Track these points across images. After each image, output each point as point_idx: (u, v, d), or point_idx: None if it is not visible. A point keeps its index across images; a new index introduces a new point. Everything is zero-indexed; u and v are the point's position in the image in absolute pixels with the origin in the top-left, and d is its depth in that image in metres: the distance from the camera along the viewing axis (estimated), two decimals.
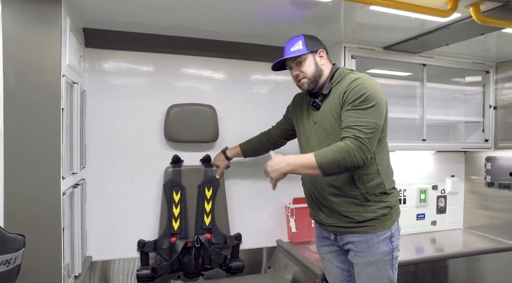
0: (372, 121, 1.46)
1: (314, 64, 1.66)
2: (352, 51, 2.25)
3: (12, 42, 1.47)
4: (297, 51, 1.65)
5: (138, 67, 2.22)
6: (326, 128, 1.61)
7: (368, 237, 1.58)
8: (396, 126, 2.62)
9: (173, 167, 2.21)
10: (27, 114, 1.49)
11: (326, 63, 1.69)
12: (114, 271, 2.19)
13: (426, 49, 2.33)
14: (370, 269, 1.58)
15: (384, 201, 1.60)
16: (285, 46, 1.71)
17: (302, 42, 1.66)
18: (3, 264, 1.03)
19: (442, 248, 2.57)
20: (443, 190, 2.83)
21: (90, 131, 2.10)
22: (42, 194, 1.52)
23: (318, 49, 1.68)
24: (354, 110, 1.48)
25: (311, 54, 1.66)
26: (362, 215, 1.58)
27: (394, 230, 1.63)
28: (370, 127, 1.44)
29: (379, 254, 1.57)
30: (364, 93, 1.48)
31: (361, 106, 1.47)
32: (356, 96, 1.49)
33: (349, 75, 1.61)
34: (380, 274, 1.57)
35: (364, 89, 1.49)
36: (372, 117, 1.46)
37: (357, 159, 1.41)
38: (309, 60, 1.66)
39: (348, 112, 1.50)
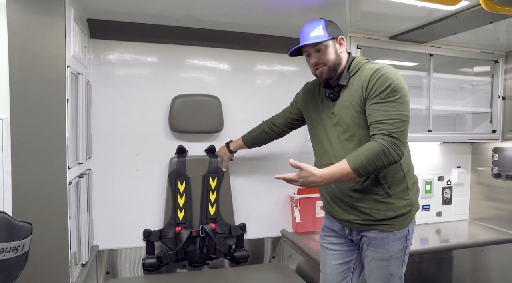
0: (402, 113, 1.38)
1: (334, 51, 1.55)
2: (358, 41, 2.22)
3: (17, 33, 1.48)
4: (318, 37, 1.52)
5: (143, 57, 2.22)
6: (347, 121, 1.51)
7: (385, 235, 1.53)
8: None
9: (178, 157, 2.23)
10: (33, 105, 1.51)
11: (344, 51, 1.59)
12: (121, 260, 2.22)
13: (433, 38, 2.30)
14: (381, 264, 1.55)
15: (405, 198, 1.53)
16: (303, 30, 1.57)
17: (323, 26, 1.53)
18: (11, 250, 1.06)
19: (447, 239, 2.57)
20: (449, 181, 2.81)
21: (95, 122, 2.11)
22: (49, 184, 1.54)
23: (338, 35, 1.57)
24: (381, 103, 1.40)
25: (332, 40, 1.55)
26: (382, 213, 1.52)
27: (411, 228, 1.58)
28: (401, 119, 1.37)
29: (393, 251, 1.54)
30: (390, 84, 1.40)
31: (388, 98, 1.39)
32: (382, 88, 1.41)
33: (367, 64, 1.52)
34: (390, 269, 1.56)
35: (389, 79, 1.41)
36: (401, 108, 1.38)
37: (393, 156, 1.36)
38: (330, 47, 1.54)
39: (375, 105, 1.41)
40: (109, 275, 2.20)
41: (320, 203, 2.48)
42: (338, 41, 1.57)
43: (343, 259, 1.69)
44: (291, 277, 2.16)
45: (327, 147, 1.62)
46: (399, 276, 1.58)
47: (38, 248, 1.52)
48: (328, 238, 1.74)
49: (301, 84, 2.49)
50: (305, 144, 2.51)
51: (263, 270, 2.31)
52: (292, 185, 1.51)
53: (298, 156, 2.48)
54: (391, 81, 1.41)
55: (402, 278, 1.60)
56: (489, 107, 2.66)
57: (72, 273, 1.62)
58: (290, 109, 1.96)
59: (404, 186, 1.54)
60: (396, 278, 1.57)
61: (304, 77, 2.50)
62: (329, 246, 1.73)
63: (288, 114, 1.96)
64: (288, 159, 2.41)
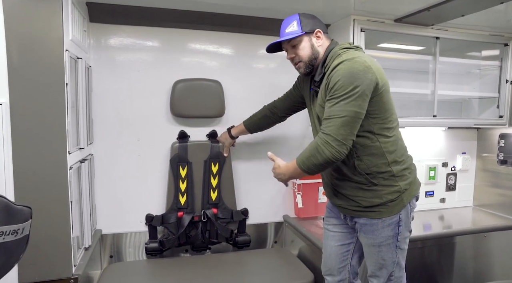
0: (344, 109, 1.35)
1: (309, 46, 1.55)
2: (362, 24, 2.17)
3: (13, 17, 1.45)
4: (291, 33, 1.55)
5: (144, 42, 2.20)
6: (320, 119, 1.53)
7: (374, 221, 1.53)
8: (406, 102, 2.56)
9: (179, 142, 2.22)
10: (32, 90, 1.51)
11: (323, 44, 1.57)
12: (124, 244, 2.25)
13: (440, 21, 2.23)
14: (372, 249, 1.57)
15: (393, 185, 1.51)
16: (281, 27, 1.60)
17: (297, 22, 1.55)
18: (11, 233, 1.07)
19: (450, 225, 2.56)
20: (453, 168, 2.78)
21: (97, 107, 2.11)
22: (50, 169, 1.55)
23: (314, 29, 1.56)
24: (328, 100, 1.41)
25: (307, 35, 1.55)
26: (368, 200, 1.52)
27: (403, 214, 1.54)
28: (339, 115, 1.36)
29: (382, 238, 1.53)
30: (338, 81, 1.37)
31: (334, 95, 1.38)
32: (331, 86, 1.40)
33: (337, 58, 1.46)
34: (382, 255, 1.56)
35: (338, 76, 1.38)
36: (346, 105, 1.35)
37: (325, 153, 1.37)
38: (304, 42, 1.54)
39: (327, 102, 1.42)
40: (113, 258, 2.23)
41: (322, 188, 2.47)
42: (315, 35, 1.56)
43: (343, 241, 1.71)
44: (293, 262, 2.17)
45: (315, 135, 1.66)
46: (392, 262, 1.56)
47: (41, 232, 1.55)
48: (329, 219, 1.77)
49: None
50: (307, 128, 2.49)
51: (265, 255, 2.33)
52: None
53: (299, 141, 2.48)
54: (340, 77, 1.37)
55: (399, 263, 1.59)
56: (497, 92, 2.60)
57: (74, 256, 1.64)
58: (293, 92, 1.95)
59: (390, 174, 1.50)
60: (389, 263, 1.56)
61: None
62: (330, 228, 1.75)
63: (291, 97, 1.95)
64: (290, 144, 2.46)
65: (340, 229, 1.72)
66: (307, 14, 1.60)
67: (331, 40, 1.61)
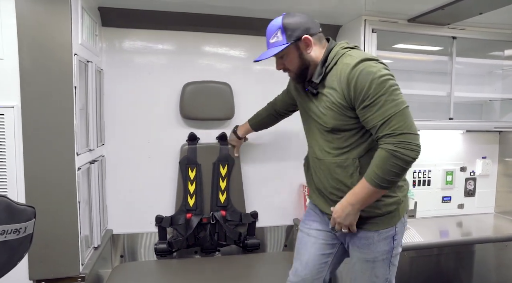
0: (397, 102, 1.24)
1: (297, 56, 1.40)
2: (373, 25, 2.12)
3: (25, 22, 1.51)
4: (276, 45, 1.39)
5: (155, 45, 2.23)
6: (330, 122, 1.38)
7: (369, 234, 1.43)
8: (421, 104, 2.49)
9: (188, 144, 2.24)
10: (42, 93, 1.55)
11: (315, 48, 1.41)
12: (135, 244, 2.28)
13: (456, 20, 2.15)
14: (365, 266, 1.46)
15: (392, 196, 1.41)
16: (266, 34, 1.45)
17: (281, 31, 1.37)
18: (13, 232, 1.11)
19: (469, 232, 2.45)
20: (472, 172, 2.67)
21: (108, 109, 2.16)
22: (59, 170, 1.59)
23: (301, 36, 1.38)
24: (372, 104, 1.25)
25: (293, 44, 1.39)
26: (366, 211, 1.39)
27: (399, 227, 1.45)
28: (399, 110, 1.23)
29: (378, 252, 1.44)
30: (372, 79, 1.25)
31: (377, 95, 1.24)
32: (366, 87, 1.26)
33: (344, 58, 1.35)
34: (375, 271, 1.46)
35: (369, 74, 1.26)
36: (395, 98, 1.24)
37: (407, 154, 1.23)
38: (291, 53, 1.40)
39: (367, 109, 1.27)
40: (123, 258, 2.26)
41: None
42: (303, 42, 1.39)
43: (323, 251, 1.56)
44: None
45: (312, 138, 1.53)
46: (385, 279, 1.47)
47: (50, 231, 1.60)
48: (312, 223, 1.60)
49: None
50: None
51: (275, 259, 2.31)
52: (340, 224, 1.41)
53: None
54: (372, 75, 1.25)
55: (390, 281, 1.50)
56: None
57: (82, 255, 1.68)
58: (286, 95, 1.89)
59: None
60: (382, 280, 1.47)
61: None
62: (312, 233, 1.58)
63: (285, 99, 1.91)
64: (300, 147, 2.42)
65: (323, 236, 1.56)
66: (292, 18, 1.40)
67: (327, 39, 1.47)
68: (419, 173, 2.54)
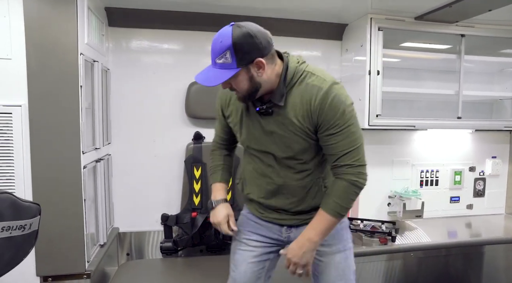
0: (358, 135, 1.28)
1: (247, 79, 1.22)
2: (380, 23, 2.10)
3: (33, 23, 1.54)
4: (224, 66, 1.18)
5: (161, 44, 2.24)
6: (289, 143, 1.32)
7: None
8: (429, 103, 2.46)
9: (194, 143, 2.25)
10: (48, 92, 1.58)
11: (267, 70, 1.23)
12: (140, 242, 2.30)
13: (465, 17, 2.12)
14: (338, 258, 1.42)
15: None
16: (212, 46, 1.21)
17: (231, 53, 1.17)
18: (18, 228, 1.12)
19: (479, 233, 2.42)
20: (481, 172, 2.62)
21: (114, 109, 2.18)
22: (64, 168, 1.62)
23: (253, 60, 1.19)
24: (339, 132, 1.25)
25: (244, 67, 1.20)
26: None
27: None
28: (359, 143, 1.27)
29: (345, 241, 1.43)
30: (344, 108, 1.24)
31: (345, 125, 1.25)
32: (337, 115, 1.24)
33: (309, 78, 1.27)
34: (348, 262, 1.44)
35: (341, 102, 1.24)
36: (357, 130, 1.27)
37: (363, 184, 1.29)
38: (241, 76, 1.21)
39: (332, 136, 1.26)
40: (129, 256, 2.28)
41: None
42: (255, 65, 1.20)
43: (260, 257, 1.49)
44: None
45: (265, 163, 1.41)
46: (353, 271, 1.46)
47: (56, 229, 1.62)
48: (250, 234, 1.51)
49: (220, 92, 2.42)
50: None
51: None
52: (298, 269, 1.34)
53: None
54: (343, 104, 1.24)
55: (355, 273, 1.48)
56: None
57: (88, 252, 1.70)
58: (223, 123, 1.55)
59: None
60: (352, 272, 1.45)
61: (325, 63, 2.43)
62: (250, 242, 1.50)
63: (226, 128, 1.54)
64: None
65: (261, 244, 1.50)
66: (244, 36, 1.17)
67: (281, 54, 1.32)
68: (426, 173, 2.51)
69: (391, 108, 2.36)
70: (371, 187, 2.34)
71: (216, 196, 1.50)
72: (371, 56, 2.11)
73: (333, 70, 2.44)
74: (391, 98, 2.34)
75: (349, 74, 2.32)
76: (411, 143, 2.48)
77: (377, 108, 2.14)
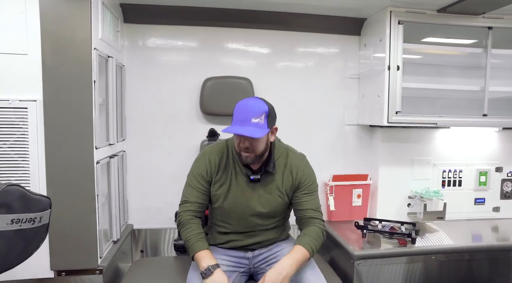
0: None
1: (266, 141, 1.53)
2: (400, 16, 2.02)
3: (48, 18, 1.54)
4: (259, 125, 1.44)
5: (176, 41, 2.24)
6: (273, 205, 1.62)
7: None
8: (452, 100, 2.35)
9: (208, 140, 2.23)
10: (62, 87, 1.58)
11: (272, 139, 1.59)
12: (155, 240, 2.30)
13: (492, 8, 2.00)
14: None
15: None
16: (246, 107, 1.45)
17: (265, 116, 1.46)
18: (28, 221, 1.12)
19: (506, 238, 2.29)
20: (509, 173, 2.49)
21: (130, 105, 2.18)
22: (78, 163, 1.61)
23: (273, 126, 1.54)
24: (311, 194, 1.62)
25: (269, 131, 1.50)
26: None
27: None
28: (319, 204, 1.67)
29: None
30: (314, 176, 1.66)
31: (315, 189, 1.65)
32: (311, 180, 1.63)
33: (288, 151, 1.66)
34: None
35: (312, 171, 1.66)
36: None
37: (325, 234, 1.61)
38: (264, 138, 1.50)
39: (307, 196, 1.61)
40: (143, 253, 2.28)
41: (357, 191, 2.35)
42: (273, 130, 1.57)
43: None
44: (323, 269, 2.05)
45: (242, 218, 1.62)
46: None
47: (70, 224, 1.63)
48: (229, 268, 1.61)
49: (339, 68, 2.40)
50: (342, 128, 2.40)
51: None
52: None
53: (334, 140, 2.42)
54: (313, 173, 1.66)
55: None
56: None
57: (100, 248, 1.70)
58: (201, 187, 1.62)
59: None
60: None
61: (343, 59, 2.37)
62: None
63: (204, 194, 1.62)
64: (323, 145, 2.37)
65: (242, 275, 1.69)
66: (272, 107, 1.53)
67: None
68: (449, 173, 2.40)
69: (413, 106, 2.27)
70: (390, 187, 2.33)
71: (209, 262, 1.47)
72: (390, 51, 2.04)
73: (351, 67, 2.38)
74: (413, 95, 2.26)
75: (367, 70, 2.24)
76: (432, 142, 2.38)
77: (397, 105, 2.06)
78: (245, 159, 1.53)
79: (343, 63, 2.39)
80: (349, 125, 2.41)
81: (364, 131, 2.44)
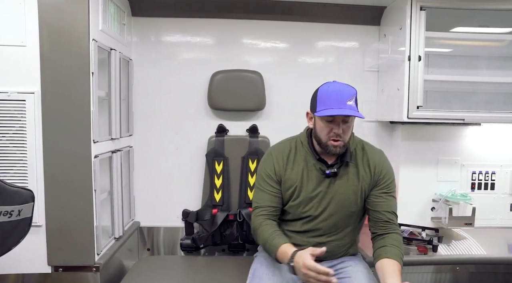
0: None
1: (352, 128, 1.48)
2: (422, 1, 1.84)
3: (46, 9, 1.51)
4: (355, 109, 1.38)
5: (184, 34, 2.17)
6: (351, 207, 1.51)
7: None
8: (486, 94, 2.13)
9: (216, 136, 2.15)
10: (60, 79, 1.55)
11: None
12: (162, 238, 2.24)
13: None
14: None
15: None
16: (340, 90, 1.38)
17: (355, 99, 1.41)
18: (3, 214, 1.08)
19: None
20: None
21: (137, 100, 2.14)
22: (75, 157, 1.57)
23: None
24: (389, 193, 1.51)
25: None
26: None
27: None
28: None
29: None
30: (394, 175, 1.55)
31: (394, 189, 1.54)
32: (391, 179, 1.53)
33: (364, 144, 1.57)
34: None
35: (392, 169, 1.56)
36: None
37: None
38: (353, 123, 1.46)
39: (385, 195, 1.50)
40: (150, 251, 2.23)
41: None
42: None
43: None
44: None
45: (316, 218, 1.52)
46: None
47: (67, 218, 1.59)
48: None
49: (356, 62, 2.25)
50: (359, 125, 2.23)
51: None
52: None
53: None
54: (393, 172, 1.55)
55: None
56: None
57: (98, 245, 1.65)
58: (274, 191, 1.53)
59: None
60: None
61: (360, 54, 2.21)
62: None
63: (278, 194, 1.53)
64: None
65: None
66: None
67: None
68: (479, 175, 2.16)
69: (440, 102, 2.09)
70: (411, 188, 2.13)
71: (288, 252, 1.35)
72: (411, 40, 1.86)
73: (370, 59, 2.22)
74: (439, 89, 2.07)
75: (386, 62, 2.07)
76: (461, 140, 2.15)
77: (418, 99, 1.87)
78: (334, 149, 1.43)
79: (361, 56, 2.23)
80: (367, 122, 2.24)
81: (383, 128, 2.27)
